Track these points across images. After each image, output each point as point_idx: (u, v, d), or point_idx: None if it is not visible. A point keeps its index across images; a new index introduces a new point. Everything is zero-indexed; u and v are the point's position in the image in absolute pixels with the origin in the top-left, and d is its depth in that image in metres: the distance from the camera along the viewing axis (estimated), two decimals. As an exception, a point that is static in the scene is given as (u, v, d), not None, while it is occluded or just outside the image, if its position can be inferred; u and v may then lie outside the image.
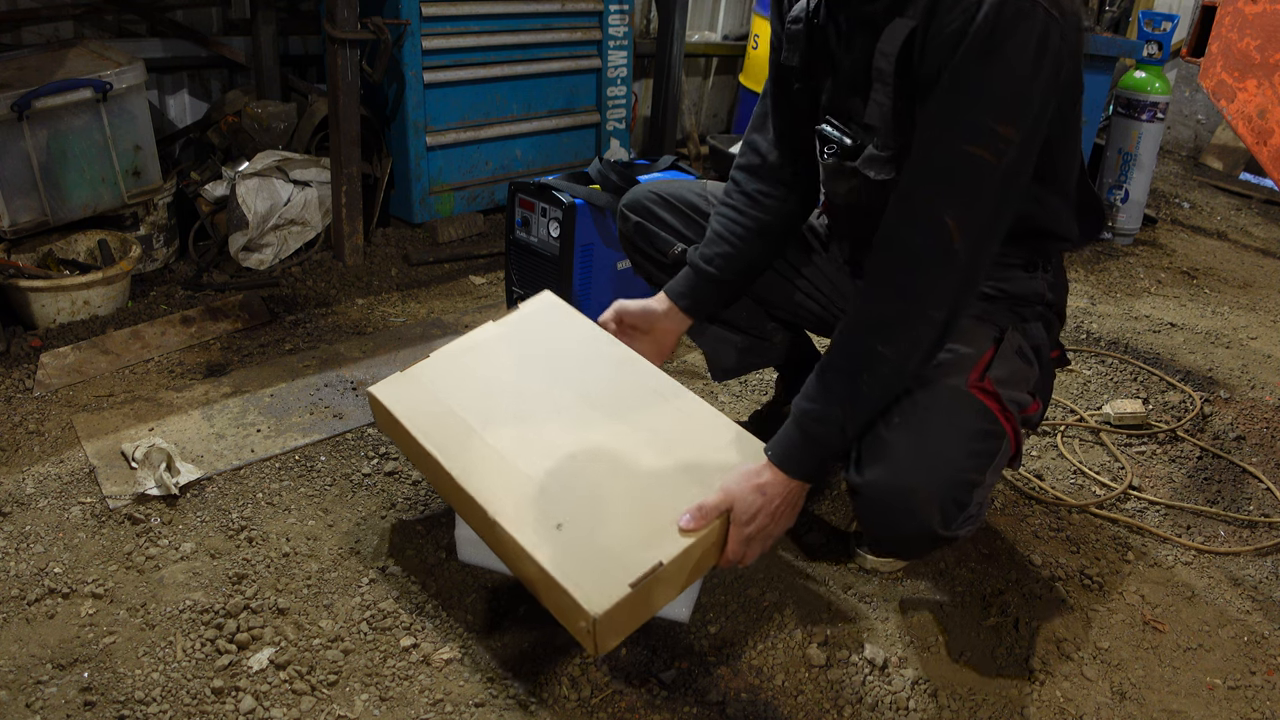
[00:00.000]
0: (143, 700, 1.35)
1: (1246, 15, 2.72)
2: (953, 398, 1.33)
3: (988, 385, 1.35)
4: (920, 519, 1.29)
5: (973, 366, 1.36)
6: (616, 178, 2.42)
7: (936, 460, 1.29)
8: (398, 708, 1.37)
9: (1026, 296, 1.48)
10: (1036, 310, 1.50)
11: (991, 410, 1.34)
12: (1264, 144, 2.72)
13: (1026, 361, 1.44)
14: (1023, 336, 1.45)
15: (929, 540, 1.32)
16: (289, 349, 2.39)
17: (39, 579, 1.56)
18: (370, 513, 1.78)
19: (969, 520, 1.33)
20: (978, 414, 1.33)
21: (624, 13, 3.48)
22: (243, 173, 2.72)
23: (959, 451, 1.30)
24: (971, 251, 1.23)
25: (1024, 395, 1.41)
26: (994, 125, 1.18)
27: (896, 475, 1.29)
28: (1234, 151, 4.82)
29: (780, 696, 1.43)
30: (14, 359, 2.22)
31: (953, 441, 1.30)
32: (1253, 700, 1.49)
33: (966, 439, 1.31)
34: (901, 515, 1.30)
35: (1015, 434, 1.38)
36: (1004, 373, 1.38)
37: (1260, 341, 2.83)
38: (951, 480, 1.29)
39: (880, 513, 1.33)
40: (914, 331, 1.26)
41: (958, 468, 1.30)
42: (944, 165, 1.21)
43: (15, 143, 2.33)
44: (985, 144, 1.19)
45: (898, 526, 1.32)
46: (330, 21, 2.63)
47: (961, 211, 1.21)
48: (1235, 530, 1.93)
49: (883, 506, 1.31)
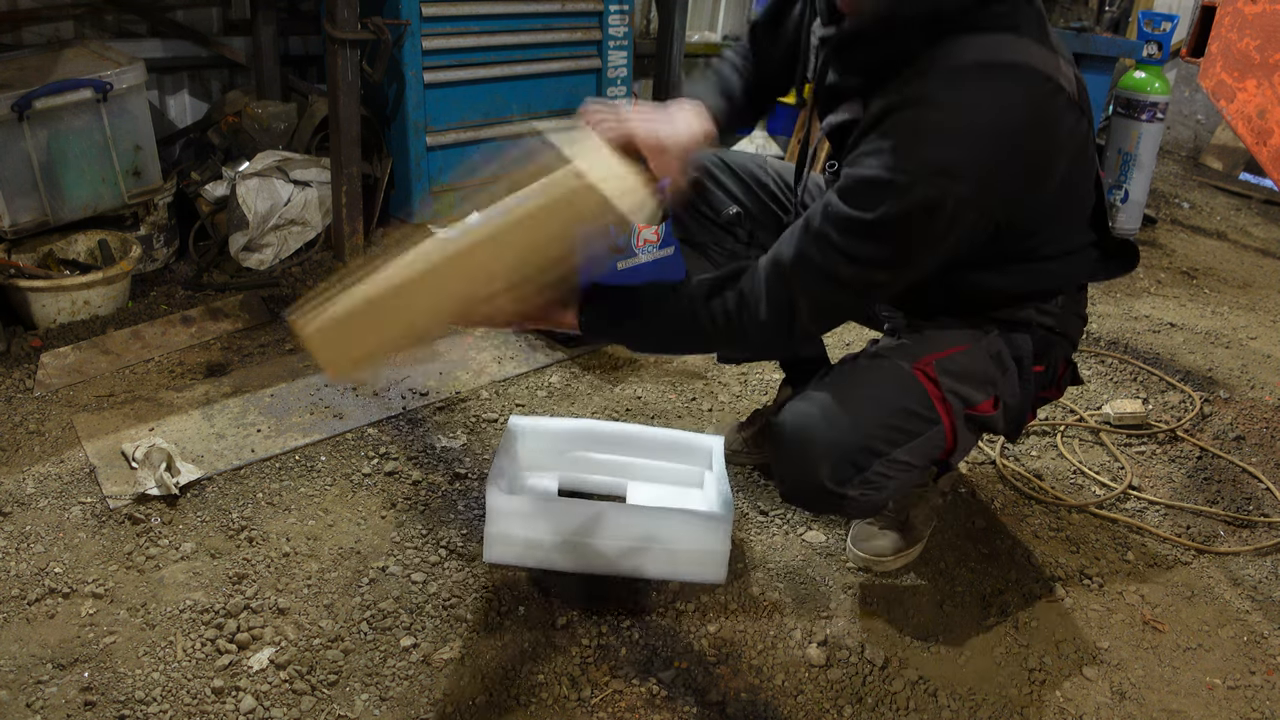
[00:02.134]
0: (143, 700, 1.35)
1: (1246, 15, 2.73)
2: (888, 371, 1.39)
3: (929, 369, 1.38)
4: (812, 471, 1.33)
5: (927, 352, 1.40)
6: (616, 178, 2.42)
7: (845, 419, 1.34)
8: (398, 708, 1.37)
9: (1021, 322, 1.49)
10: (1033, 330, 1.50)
11: (926, 391, 1.37)
12: (1264, 144, 2.73)
13: (999, 366, 1.44)
14: (1005, 343, 1.46)
15: (820, 492, 1.35)
16: (289, 349, 2.39)
17: (39, 579, 1.56)
18: (370, 513, 1.78)
19: (866, 485, 1.36)
20: (910, 393, 1.37)
21: (624, 13, 3.47)
22: (243, 173, 2.72)
23: (872, 418, 1.35)
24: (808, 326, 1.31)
25: (974, 392, 1.41)
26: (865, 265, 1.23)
27: (803, 422, 1.35)
28: (1234, 151, 4.82)
29: (780, 696, 1.43)
30: (14, 359, 2.23)
31: (870, 407, 1.35)
32: (1252, 700, 1.50)
33: (886, 410, 1.36)
34: (796, 462, 1.36)
35: (952, 425, 1.39)
36: (958, 365, 1.40)
37: (1260, 341, 2.83)
38: (852, 442, 1.33)
39: (781, 454, 1.39)
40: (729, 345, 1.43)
41: (864, 432, 1.34)
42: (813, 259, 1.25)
43: (15, 143, 2.33)
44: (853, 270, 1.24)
45: (792, 471, 1.38)
46: (330, 21, 2.63)
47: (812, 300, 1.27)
48: (1235, 530, 1.93)
49: (783, 448, 1.38)
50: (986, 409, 1.44)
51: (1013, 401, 1.47)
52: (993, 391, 1.44)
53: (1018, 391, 1.47)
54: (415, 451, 1.98)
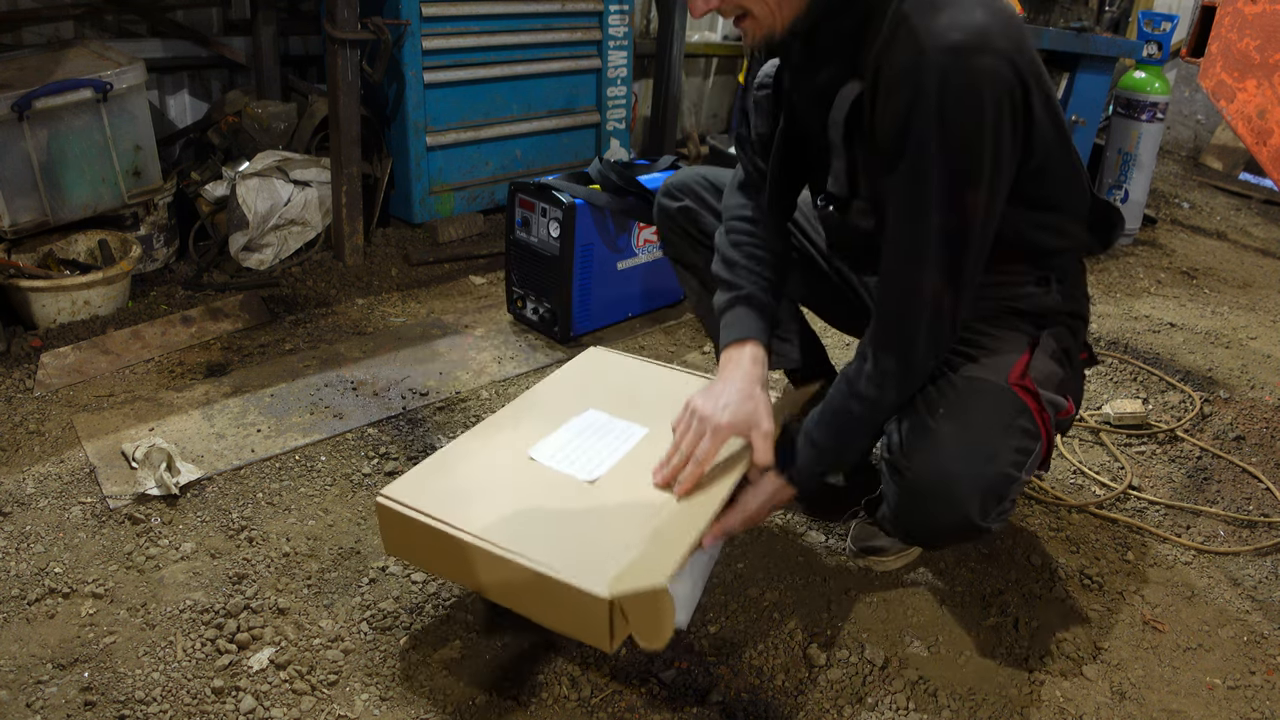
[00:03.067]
0: (143, 700, 1.35)
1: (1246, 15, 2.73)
2: (996, 393, 1.36)
3: (1028, 384, 1.37)
4: (961, 509, 1.30)
5: (1012, 366, 1.39)
6: (616, 178, 2.42)
7: (981, 452, 1.31)
8: (398, 708, 1.37)
9: (1043, 312, 1.48)
10: (1058, 320, 1.50)
11: (1030, 408, 1.36)
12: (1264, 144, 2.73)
13: (1060, 364, 1.45)
14: (1054, 340, 1.46)
15: (964, 530, 1.33)
16: (289, 349, 2.39)
17: (39, 579, 1.56)
18: (370, 513, 1.78)
19: (1003, 514, 1.35)
20: (1019, 411, 1.35)
21: (624, 13, 3.48)
22: (243, 173, 2.72)
23: (1002, 445, 1.32)
24: (954, 303, 1.29)
25: (1059, 397, 1.42)
26: (959, 194, 1.21)
27: (942, 463, 1.31)
28: (1234, 151, 4.82)
29: (780, 696, 1.43)
30: (14, 359, 2.23)
31: (997, 435, 1.32)
32: (1253, 700, 1.50)
33: (1009, 434, 1.33)
34: (942, 503, 1.31)
35: (1048, 435, 1.39)
36: (1042, 374, 1.40)
37: (1260, 341, 2.83)
38: (994, 473, 1.31)
39: (921, 499, 1.34)
40: (912, 381, 1.35)
41: (1001, 461, 1.31)
42: (917, 240, 1.25)
43: (15, 143, 2.33)
44: (953, 213, 1.22)
45: (936, 514, 1.34)
46: (330, 22, 2.64)
47: (941, 277, 1.26)
48: (1235, 530, 1.93)
49: (925, 493, 1.33)
50: (1070, 411, 1.44)
51: (1077, 397, 1.48)
52: (1066, 391, 1.44)
53: (1077, 386, 1.48)
54: (415, 451, 1.98)
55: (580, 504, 1.38)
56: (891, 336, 1.33)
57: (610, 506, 1.38)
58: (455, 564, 1.34)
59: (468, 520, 1.32)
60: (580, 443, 1.51)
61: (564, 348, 2.47)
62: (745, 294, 1.49)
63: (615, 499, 1.39)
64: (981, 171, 1.20)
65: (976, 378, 1.37)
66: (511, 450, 1.50)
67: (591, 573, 1.22)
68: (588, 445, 1.51)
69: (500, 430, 1.56)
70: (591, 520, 1.35)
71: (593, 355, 1.82)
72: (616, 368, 1.77)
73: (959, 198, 1.21)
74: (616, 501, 1.39)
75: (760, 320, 1.48)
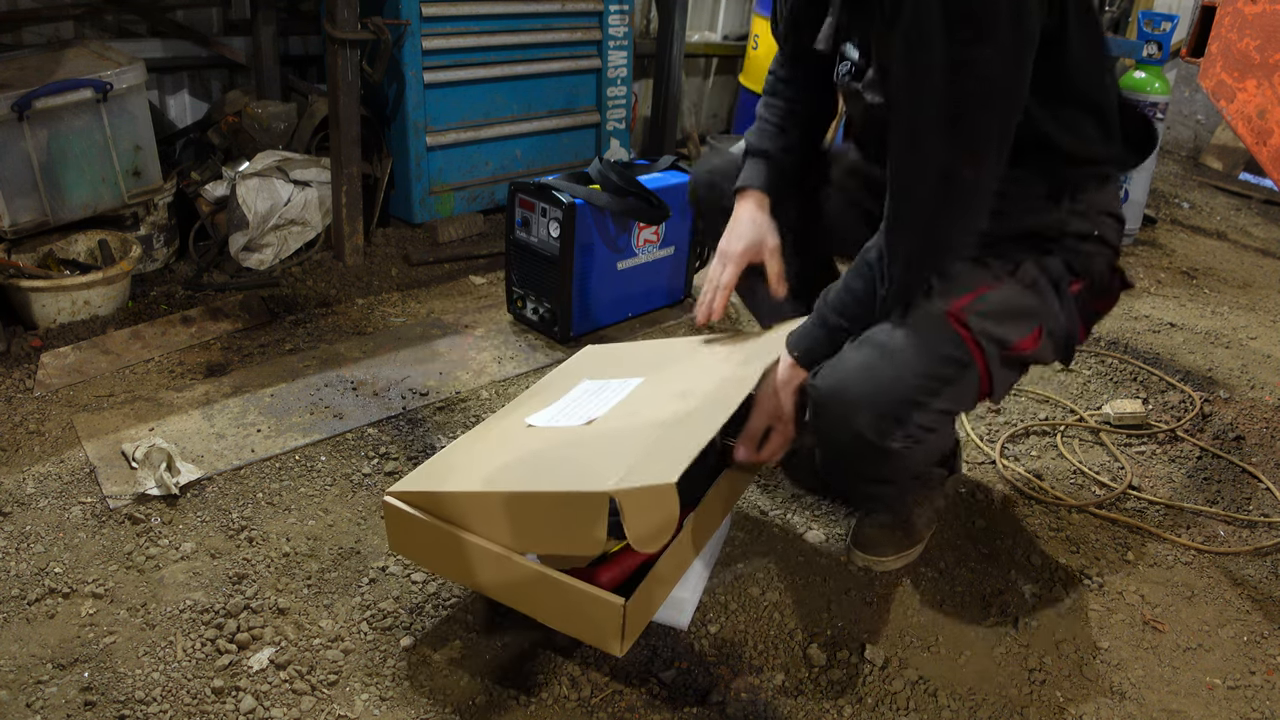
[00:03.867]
0: (143, 700, 1.35)
1: (1246, 15, 2.72)
2: (922, 319, 1.36)
3: (961, 314, 1.35)
4: (851, 425, 1.33)
5: (960, 296, 1.36)
6: (616, 178, 2.42)
7: (879, 373, 1.33)
8: (398, 708, 1.37)
9: (1044, 230, 1.43)
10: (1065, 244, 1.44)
11: (960, 335, 1.35)
12: (1264, 144, 2.72)
13: (1038, 294, 1.40)
14: (1039, 269, 1.41)
15: (862, 450, 1.35)
16: (289, 349, 2.39)
17: (39, 579, 1.56)
18: (370, 513, 1.78)
19: (909, 438, 1.35)
20: (942, 338, 1.35)
21: (624, 13, 3.47)
22: (243, 173, 2.72)
23: (906, 369, 1.33)
24: (974, 174, 1.26)
25: (1011, 331, 1.37)
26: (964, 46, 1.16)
27: (841, 382, 1.35)
28: (1234, 151, 4.82)
29: (780, 696, 1.43)
30: (14, 359, 2.23)
31: (903, 358, 1.33)
32: (1253, 700, 1.50)
33: (920, 359, 1.33)
34: (837, 420, 1.36)
35: (986, 368, 1.37)
36: (992, 305, 1.36)
37: (1260, 341, 2.83)
38: (887, 394, 1.32)
39: (823, 416, 1.39)
40: (931, 257, 1.34)
41: (899, 384, 1.33)
42: (925, 98, 1.21)
43: (15, 143, 2.33)
44: (965, 72, 1.17)
45: (833, 433, 1.38)
46: (330, 21, 2.63)
47: (954, 139, 1.22)
48: (1235, 530, 1.93)
49: (824, 410, 1.37)
50: (1026, 346, 1.40)
51: (1058, 328, 1.43)
52: (1035, 324, 1.40)
53: (1060, 317, 1.43)
54: (415, 451, 1.98)
55: (578, 441, 1.38)
56: (901, 212, 1.32)
57: (609, 434, 1.37)
58: (461, 562, 1.35)
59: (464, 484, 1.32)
60: (576, 404, 1.53)
61: (564, 348, 2.47)
62: (756, 149, 1.67)
63: (614, 428, 1.39)
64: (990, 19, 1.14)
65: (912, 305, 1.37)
66: (511, 429, 1.52)
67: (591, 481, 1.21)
68: (585, 402, 1.52)
69: (500, 421, 1.59)
70: (588, 450, 1.34)
71: (589, 351, 1.82)
72: (612, 353, 1.78)
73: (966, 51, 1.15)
74: (616, 429, 1.38)
75: (765, 170, 1.66)
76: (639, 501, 1.18)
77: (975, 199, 1.28)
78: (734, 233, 1.63)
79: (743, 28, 4.39)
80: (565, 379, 1.69)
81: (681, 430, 1.32)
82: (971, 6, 1.14)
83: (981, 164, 1.25)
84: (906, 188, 1.30)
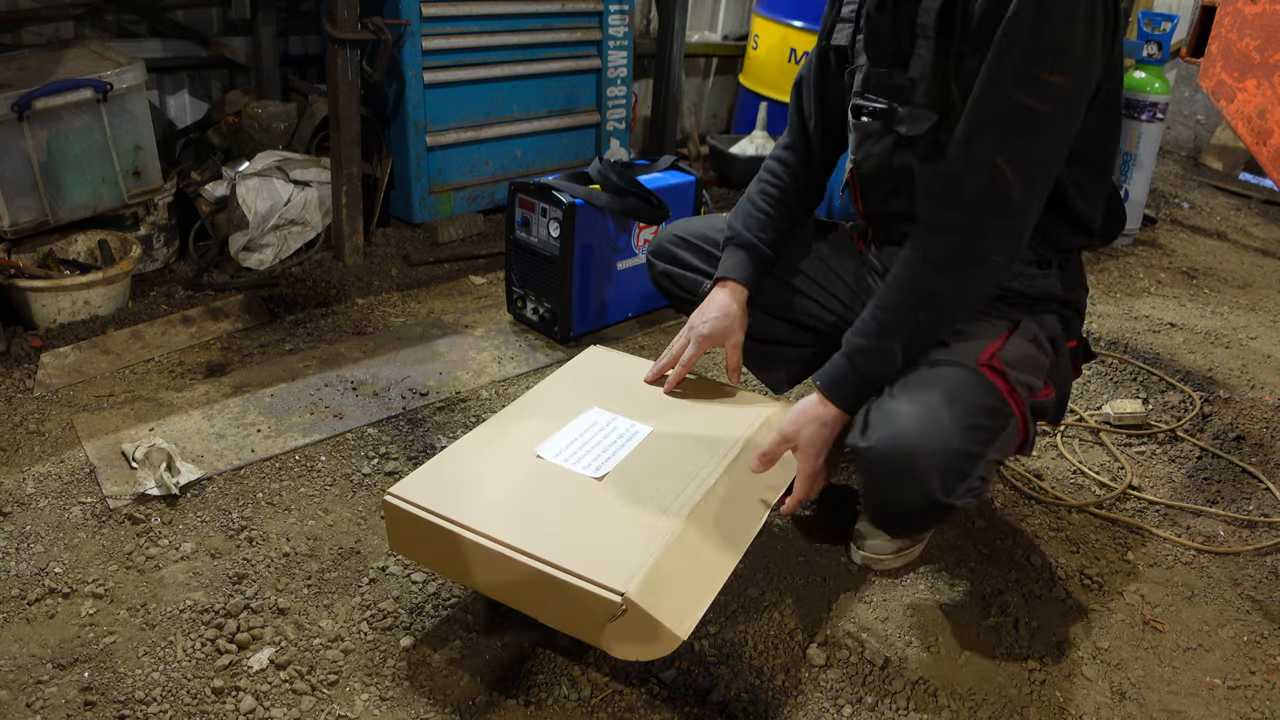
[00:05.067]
0: (143, 700, 1.35)
1: (1246, 15, 2.72)
2: (960, 373, 1.37)
3: (995, 364, 1.38)
4: (921, 484, 1.31)
5: (982, 349, 1.40)
6: (616, 178, 2.42)
7: (941, 428, 1.31)
8: (398, 708, 1.37)
9: (1039, 295, 1.50)
10: (1050, 307, 1.52)
11: (998, 388, 1.37)
12: (1264, 144, 2.72)
13: (1040, 349, 1.46)
14: (1038, 326, 1.48)
15: (929, 507, 1.33)
16: (289, 349, 2.39)
17: (39, 579, 1.56)
18: (370, 512, 1.78)
19: (970, 492, 1.35)
20: (983, 390, 1.36)
21: (624, 13, 3.47)
22: (243, 173, 2.72)
23: (962, 423, 1.33)
24: (1023, 194, 1.31)
25: (1035, 380, 1.43)
26: (1045, 74, 1.26)
27: (900, 440, 1.31)
28: (1234, 151, 4.82)
29: (780, 696, 1.43)
30: (14, 359, 2.23)
31: (956, 412, 1.33)
32: (1253, 700, 1.49)
33: (970, 412, 1.34)
34: (904, 479, 1.32)
35: (1024, 416, 1.40)
36: (1014, 356, 1.41)
37: (1260, 341, 2.83)
38: (954, 449, 1.31)
39: (882, 477, 1.35)
40: (971, 272, 1.36)
41: (960, 438, 1.32)
42: (997, 113, 1.30)
43: (15, 143, 2.33)
44: (1037, 92, 1.27)
45: (899, 491, 1.34)
46: (330, 21, 2.64)
47: (1013, 155, 1.29)
48: (1235, 530, 1.93)
49: (885, 470, 1.33)
50: (1047, 395, 1.46)
51: (1060, 382, 1.50)
52: (1044, 376, 1.46)
53: (1062, 374, 1.50)
54: (415, 451, 1.98)
55: (589, 501, 1.38)
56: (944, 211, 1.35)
57: (619, 503, 1.38)
58: (462, 563, 1.35)
59: (476, 519, 1.32)
60: (585, 440, 1.52)
61: (564, 348, 2.47)
62: (742, 239, 1.68)
63: (623, 495, 1.40)
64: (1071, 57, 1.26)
65: (942, 360, 1.38)
66: (518, 448, 1.51)
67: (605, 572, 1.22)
68: (593, 442, 1.51)
69: (506, 429, 1.57)
70: (601, 518, 1.35)
71: (594, 354, 1.82)
72: (618, 365, 1.78)
73: (1046, 78, 1.26)
74: (625, 498, 1.39)
75: (747, 262, 1.67)
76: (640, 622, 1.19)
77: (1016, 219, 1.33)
78: (705, 315, 1.64)
79: (743, 28, 4.39)
80: (573, 392, 1.68)
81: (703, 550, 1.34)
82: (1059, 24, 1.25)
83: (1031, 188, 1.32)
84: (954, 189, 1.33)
